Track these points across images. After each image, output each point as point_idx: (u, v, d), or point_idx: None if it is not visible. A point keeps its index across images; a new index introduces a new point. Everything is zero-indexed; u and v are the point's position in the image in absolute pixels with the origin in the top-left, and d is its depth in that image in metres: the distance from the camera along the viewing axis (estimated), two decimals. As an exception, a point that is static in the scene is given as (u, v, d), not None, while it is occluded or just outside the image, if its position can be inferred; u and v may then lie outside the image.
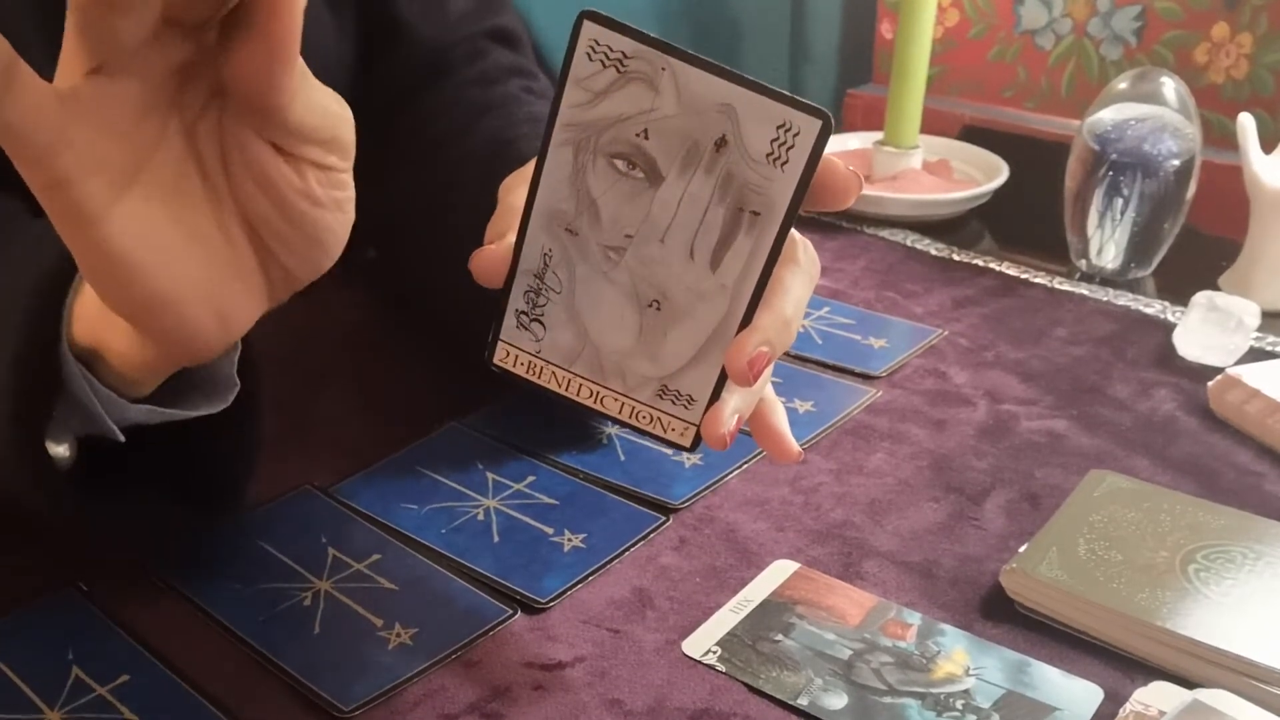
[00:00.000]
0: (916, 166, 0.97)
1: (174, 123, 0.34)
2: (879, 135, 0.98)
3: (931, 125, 1.01)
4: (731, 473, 0.58)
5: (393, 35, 0.64)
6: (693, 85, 0.36)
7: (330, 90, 0.35)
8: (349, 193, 0.37)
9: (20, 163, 0.31)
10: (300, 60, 0.33)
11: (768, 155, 0.36)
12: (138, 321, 0.36)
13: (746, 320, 0.38)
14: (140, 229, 0.33)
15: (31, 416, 0.39)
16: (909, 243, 0.88)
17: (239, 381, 0.43)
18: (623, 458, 0.59)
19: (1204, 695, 0.42)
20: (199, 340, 0.36)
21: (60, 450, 0.41)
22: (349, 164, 0.36)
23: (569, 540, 0.53)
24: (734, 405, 0.39)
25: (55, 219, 0.33)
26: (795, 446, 0.43)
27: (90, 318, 0.38)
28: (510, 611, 0.48)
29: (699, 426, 0.40)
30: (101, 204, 0.32)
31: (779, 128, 0.35)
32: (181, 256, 0.34)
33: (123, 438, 0.41)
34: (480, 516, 0.54)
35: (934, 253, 0.87)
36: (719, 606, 0.49)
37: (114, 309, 0.35)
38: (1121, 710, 0.43)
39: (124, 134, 0.32)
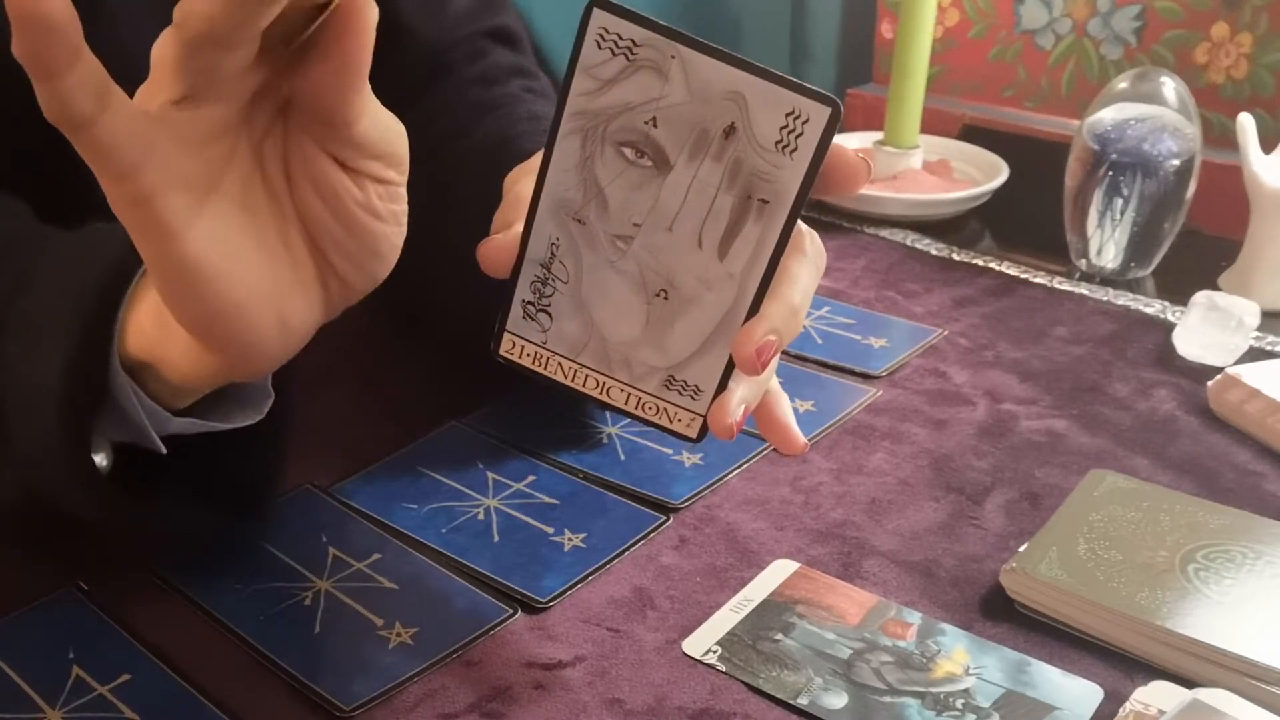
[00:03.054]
0: (916, 166, 0.97)
1: (244, 139, 0.35)
2: (879, 135, 0.98)
3: (931, 125, 1.01)
4: (731, 472, 0.58)
5: (393, 36, 0.64)
6: (702, 72, 0.36)
7: (387, 110, 0.36)
8: (404, 206, 0.38)
9: (106, 178, 0.32)
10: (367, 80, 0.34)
11: (777, 143, 0.36)
12: (205, 333, 0.36)
13: (754, 309, 0.38)
14: (215, 241, 0.34)
15: (78, 425, 0.40)
16: (909, 242, 0.88)
17: (273, 393, 0.44)
18: (623, 457, 0.59)
19: (1204, 695, 0.42)
20: (260, 350, 0.37)
21: (99, 458, 0.41)
22: (405, 178, 0.38)
23: (569, 540, 0.53)
24: (741, 395, 0.39)
25: (136, 233, 0.34)
26: (801, 438, 0.43)
27: (147, 332, 0.39)
28: (510, 611, 0.48)
29: (705, 417, 0.40)
30: (181, 218, 0.33)
31: (788, 115, 0.35)
32: (250, 266, 0.35)
33: (164, 450, 0.42)
34: (480, 516, 0.54)
35: (934, 252, 0.87)
36: (719, 606, 0.49)
37: (183, 320, 0.36)
38: (1121, 710, 0.43)
39: (202, 152, 0.33)
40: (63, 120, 0.30)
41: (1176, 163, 0.77)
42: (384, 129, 0.36)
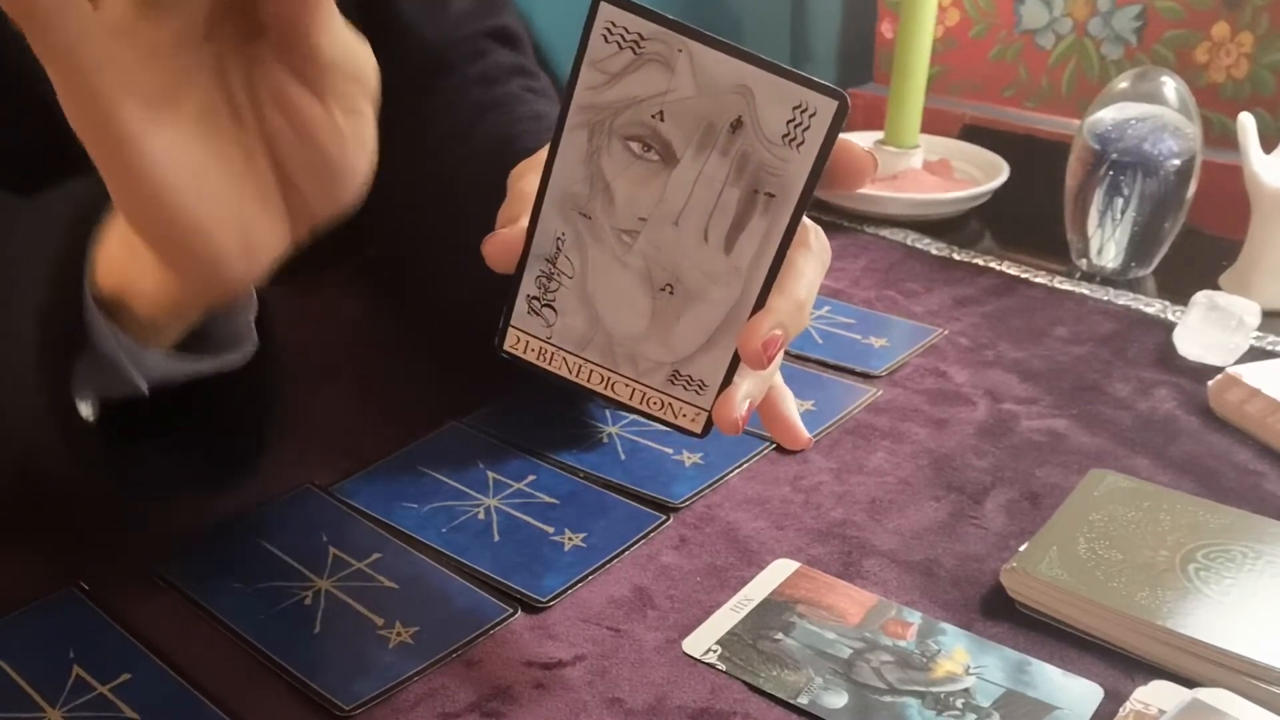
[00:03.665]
0: (917, 166, 0.97)
1: (206, 56, 0.35)
2: (879, 135, 0.98)
3: (932, 125, 1.01)
4: (732, 472, 0.58)
5: (393, 35, 0.64)
6: (709, 66, 0.36)
7: (353, 29, 0.36)
8: (370, 128, 0.38)
9: (61, 78, 0.32)
10: None
11: (784, 136, 0.36)
12: (165, 247, 0.36)
13: (760, 304, 0.38)
14: (172, 152, 0.34)
15: (57, 367, 0.40)
16: (909, 242, 0.88)
17: (257, 338, 0.44)
18: (623, 457, 0.59)
19: (1204, 694, 0.42)
20: (224, 269, 0.37)
21: (83, 407, 0.41)
22: (370, 102, 0.38)
23: (569, 539, 0.53)
24: (746, 390, 0.39)
25: (95, 148, 0.34)
26: (805, 433, 0.44)
27: (115, 260, 0.39)
28: (510, 610, 0.48)
29: (710, 412, 0.40)
30: (136, 126, 0.33)
31: (795, 109, 0.35)
32: (210, 180, 0.35)
33: (146, 389, 0.41)
34: (480, 515, 0.54)
35: (934, 252, 0.87)
36: (719, 605, 0.49)
37: (142, 234, 0.36)
38: (1121, 709, 0.43)
39: (161, 63, 0.33)
40: (23, 17, 0.30)
41: (1177, 162, 0.77)
42: (347, 48, 0.36)
